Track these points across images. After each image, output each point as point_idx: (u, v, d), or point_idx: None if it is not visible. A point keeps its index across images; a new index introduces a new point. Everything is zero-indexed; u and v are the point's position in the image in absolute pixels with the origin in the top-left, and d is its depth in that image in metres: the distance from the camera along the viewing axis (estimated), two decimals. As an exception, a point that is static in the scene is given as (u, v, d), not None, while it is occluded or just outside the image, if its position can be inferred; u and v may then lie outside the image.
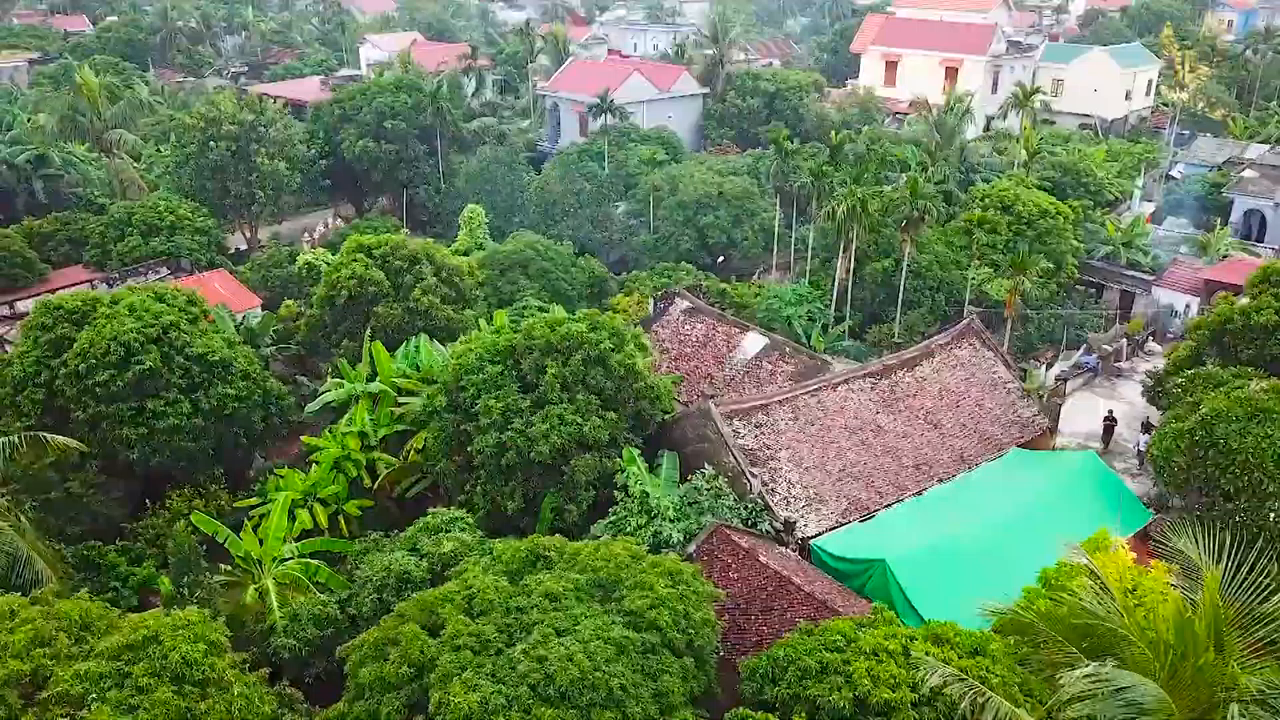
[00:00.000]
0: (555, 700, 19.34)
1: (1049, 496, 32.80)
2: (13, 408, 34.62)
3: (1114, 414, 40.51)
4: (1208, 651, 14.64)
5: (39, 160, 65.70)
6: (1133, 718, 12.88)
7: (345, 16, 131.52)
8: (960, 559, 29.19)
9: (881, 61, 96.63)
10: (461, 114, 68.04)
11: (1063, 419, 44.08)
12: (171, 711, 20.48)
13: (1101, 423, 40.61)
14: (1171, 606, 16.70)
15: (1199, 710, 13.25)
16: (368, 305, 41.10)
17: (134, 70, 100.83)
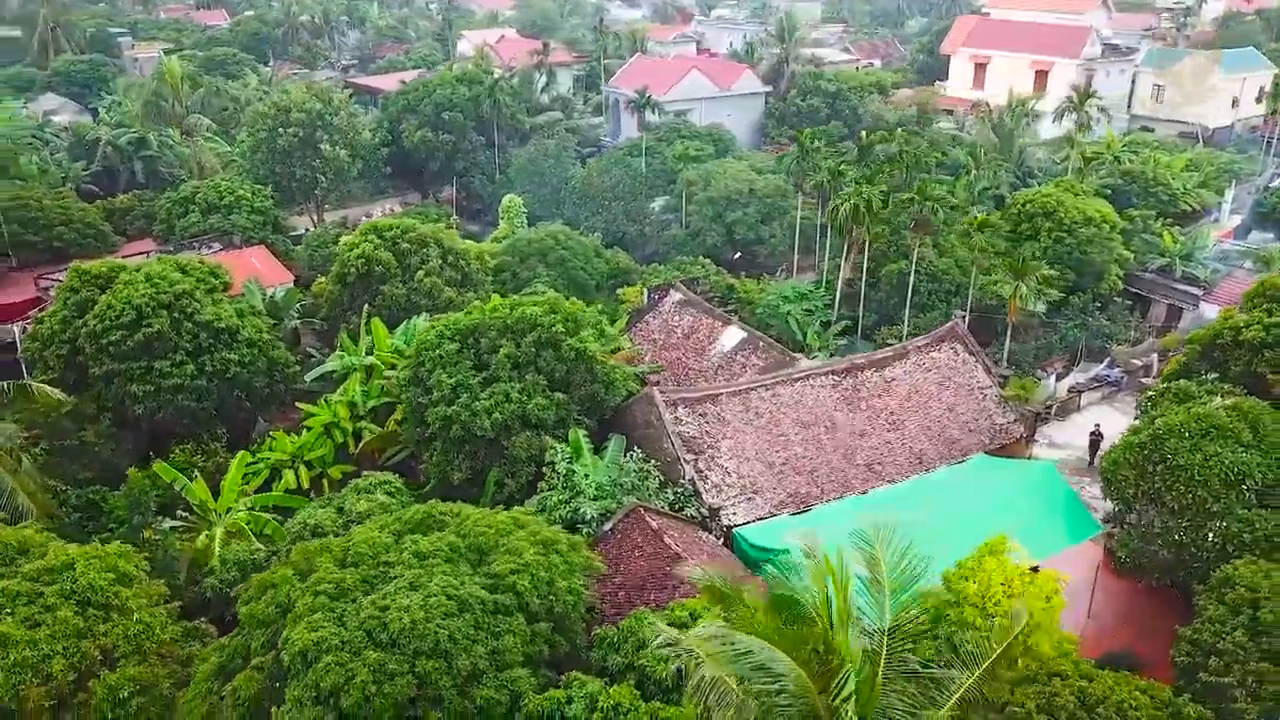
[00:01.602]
0: (385, 645, 20.78)
1: (997, 503, 32.29)
2: (41, 361, 38.34)
3: (1100, 429, 39.26)
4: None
5: (139, 142, 71.51)
6: (764, 681, 13.38)
7: (455, 13, 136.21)
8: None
9: (971, 63, 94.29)
10: (523, 108, 70.25)
11: (1070, 432, 43.06)
12: (70, 629, 22.91)
13: (1089, 437, 39.46)
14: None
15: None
16: (376, 284, 43.45)
17: (251, 62, 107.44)
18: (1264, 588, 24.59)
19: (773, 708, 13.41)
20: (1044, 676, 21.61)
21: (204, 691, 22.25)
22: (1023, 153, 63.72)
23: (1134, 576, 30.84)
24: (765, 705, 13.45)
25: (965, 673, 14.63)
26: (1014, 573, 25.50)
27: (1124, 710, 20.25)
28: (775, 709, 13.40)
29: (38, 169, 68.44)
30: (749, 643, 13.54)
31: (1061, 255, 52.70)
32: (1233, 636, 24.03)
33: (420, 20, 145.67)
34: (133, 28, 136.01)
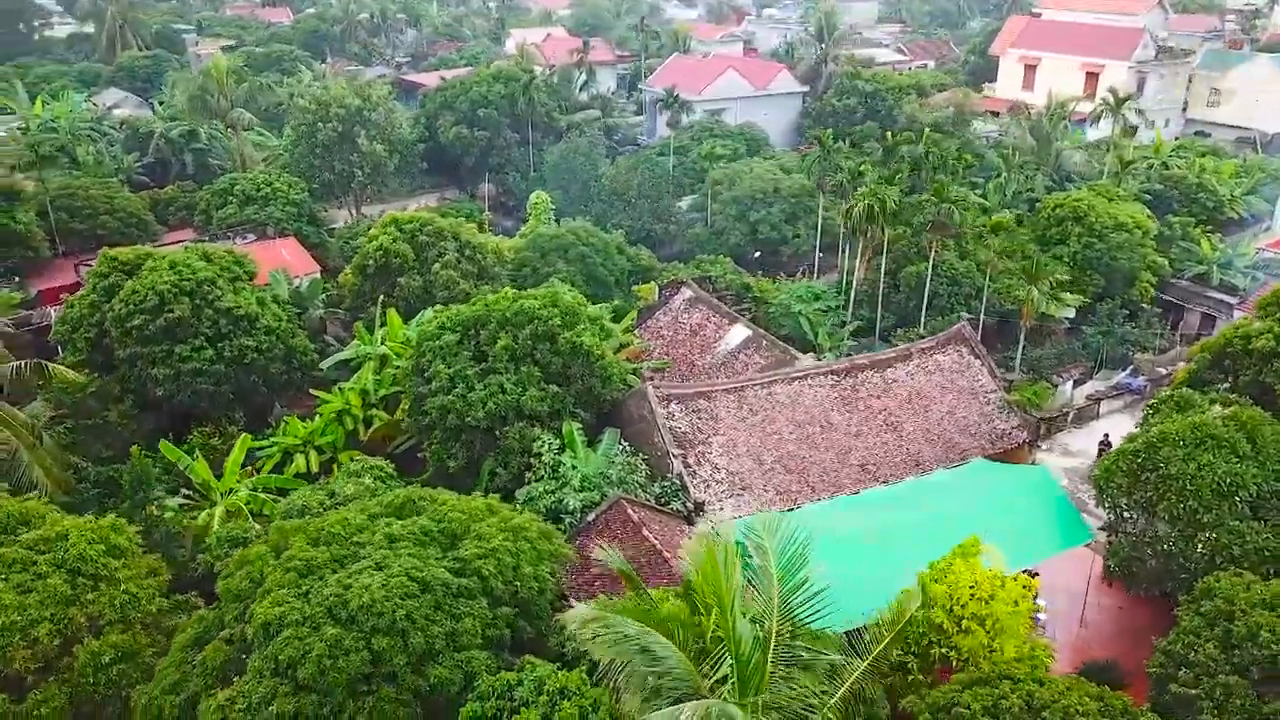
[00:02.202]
0: (344, 622, 21.47)
1: (988, 507, 31.97)
2: (70, 343, 39.96)
3: (1109, 438, 38.57)
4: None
5: (190, 135, 73.90)
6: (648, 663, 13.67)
7: (509, 12, 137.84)
8: (855, 556, 29.16)
9: (1020, 65, 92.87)
10: (559, 105, 71.00)
11: (1085, 439, 42.38)
12: (59, 597, 24.06)
13: (1097, 446, 38.82)
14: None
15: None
16: (394, 275, 44.45)
17: (306, 59, 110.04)
18: (1241, 600, 24.14)
19: (662, 689, 13.74)
20: (995, 679, 21.50)
21: (178, 660, 23.17)
22: (1059, 156, 62.59)
23: (1124, 585, 30.34)
24: (654, 686, 13.78)
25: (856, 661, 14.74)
26: (984, 576, 25.37)
27: (1070, 715, 20.09)
28: (664, 690, 13.72)
29: (94, 160, 71.14)
30: (628, 626, 13.87)
31: (1090, 260, 51.92)
32: (1205, 649, 23.67)
33: (476, 19, 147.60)
34: (200, 25, 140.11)
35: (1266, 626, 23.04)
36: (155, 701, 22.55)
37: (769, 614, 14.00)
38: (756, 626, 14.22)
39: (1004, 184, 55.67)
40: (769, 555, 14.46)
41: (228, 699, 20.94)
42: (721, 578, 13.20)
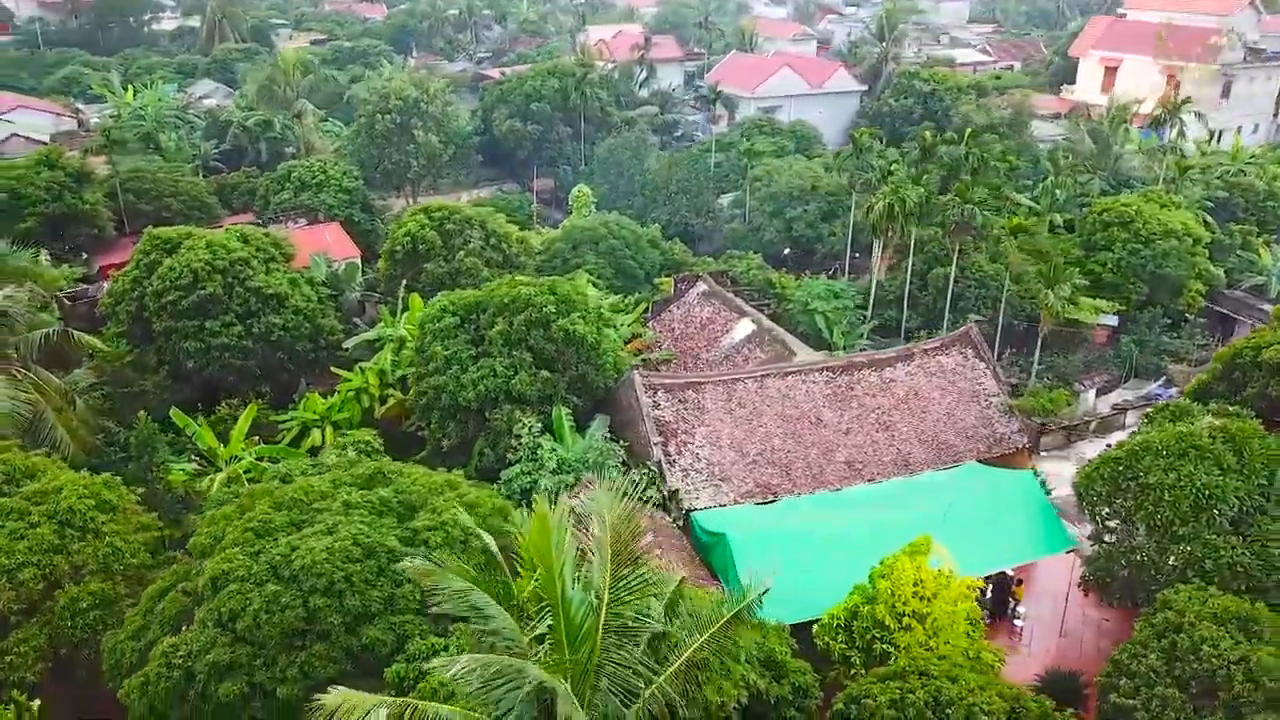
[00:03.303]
0: (285, 580, 22.69)
1: (969, 510, 31.60)
2: (114, 315, 42.53)
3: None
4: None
5: (265, 125, 77.19)
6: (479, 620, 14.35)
7: (592, 10, 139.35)
8: (820, 551, 29.27)
9: (1100, 66, 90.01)
10: (615, 101, 71.83)
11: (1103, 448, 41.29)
12: (46, 545, 26.00)
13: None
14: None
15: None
16: (421, 261, 45.96)
17: (390, 53, 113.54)
18: (1191, 613, 23.55)
19: (495, 644, 14.43)
20: (908, 674, 21.50)
21: (144, 610, 24.79)
22: (1118, 160, 60.70)
23: (1099, 595, 29.67)
24: (489, 642, 14.47)
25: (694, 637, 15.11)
26: (928, 575, 25.27)
27: (973, 713, 20.01)
28: (498, 646, 14.41)
29: (174, 146, 75.11)
30: (459, 585, 14.56)
31: (1134, 268, 50.36)
32: (1148, 660, 23.25)
33: (561, 16, 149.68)
34: (297, 20, 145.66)
35: (1210, 640, 22.52)
36: (119, 646, 24.20)
37: (603, 586, 14.49)
38: (590, 594, 14.73)
39: (1051, 187, 54.28)
40: (605, 527, 14.90)
41: (172, 646, 22.40)
42: (550, 545, 13.72)
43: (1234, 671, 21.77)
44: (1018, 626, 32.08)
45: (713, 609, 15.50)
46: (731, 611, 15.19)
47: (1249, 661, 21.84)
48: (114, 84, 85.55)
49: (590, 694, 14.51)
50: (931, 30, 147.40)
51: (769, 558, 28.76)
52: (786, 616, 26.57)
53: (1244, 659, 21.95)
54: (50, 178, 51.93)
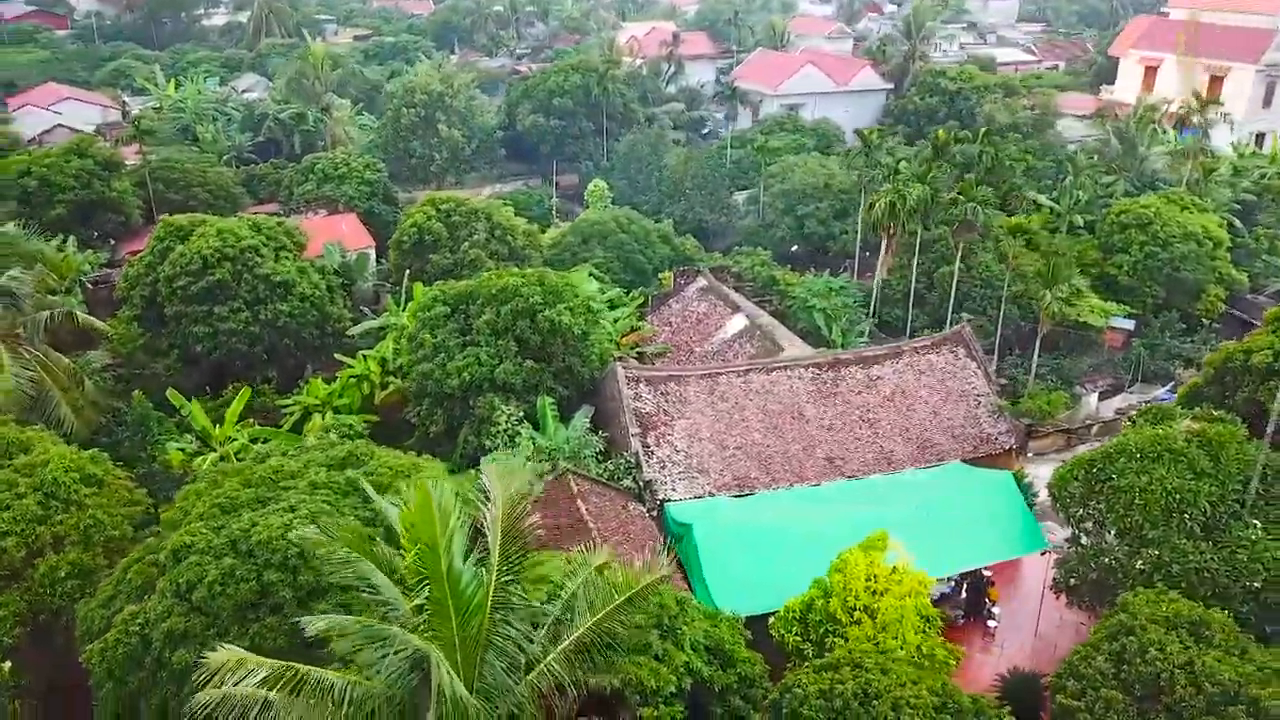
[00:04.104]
0: (242, 554, 23.40)
1: (946, 509, 31.48)
2: (128, 299, 43.90)
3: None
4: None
5: (299, 118, 78.87)
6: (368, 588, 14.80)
7: (636, 9, 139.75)
8: (790, 545, 29.32)
9: (1140, 66, 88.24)
10: (639, 97, 72.12)
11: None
12: (30, 515, 27.01)
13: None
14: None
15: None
16: (427, 252, 46.74)
17: (430, 49, 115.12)
18: (1143, 616, 23.29)
19: (386, 614, 14.89)
20: (843, 665, 21.57)
21: (116, 580, 25.66)
22: (1144, 161, 59.58)
23: (1069, 597, 29.35)
24: (380, 612, 14.95)
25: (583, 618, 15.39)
26: (881, 570, 25.28)
27: (899, 705, 20.05)
28: (389, 615, 14.87)
29: (211, 138, 77.08)
30: (347, 555, 15.05)
31: (1151, 270, 49.59)
32: (1096, 662, 23.01)
33: (604, 13, 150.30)
34: (346, 16, 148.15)
35: (1156, 644, 22.27)
36: (90, 614, 25.11)
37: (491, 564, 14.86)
38: (480, 570, 15.10)
39: (1071, 187, 53.51)
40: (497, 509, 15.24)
41: (131, 614, 23.22)
42: (435, 522, 14.11)
43: (1178, 675, 21.52)
44: (991, 627, 31.83)
45: (606, 592, 15.75)
46: (623, 597, 15.42)
47: (1194, 666, 21.58)
48: (157, 77, 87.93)
49: (480, 666, 14.89)
50: (979, 29, 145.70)
51: (735, 550, 29.21)
52: (746, 607, 26.85)
53: (1190, 663, 21.69)
54: (80, 166, 53.62)
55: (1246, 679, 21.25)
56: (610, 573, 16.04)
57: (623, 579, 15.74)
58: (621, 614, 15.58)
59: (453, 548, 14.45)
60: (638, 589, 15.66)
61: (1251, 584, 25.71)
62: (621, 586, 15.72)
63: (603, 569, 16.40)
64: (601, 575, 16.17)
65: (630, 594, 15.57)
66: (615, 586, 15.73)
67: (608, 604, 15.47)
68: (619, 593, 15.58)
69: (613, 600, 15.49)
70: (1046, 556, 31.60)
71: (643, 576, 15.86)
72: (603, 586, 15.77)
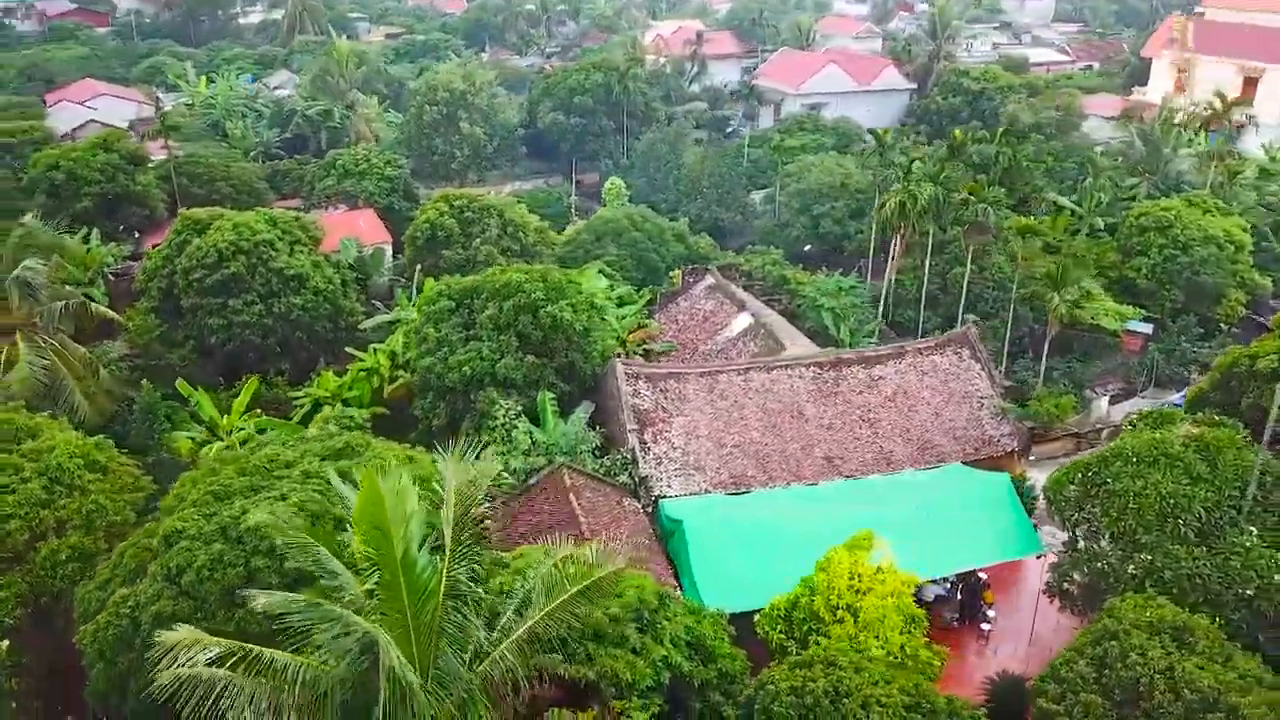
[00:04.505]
0: (231, 540, 23.85)
1: (942, 510, 31.33)
2: (146, 291, 44.77)
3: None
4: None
5: (325, 114, 79.85)
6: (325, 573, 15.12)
7: (670, 8, 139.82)
8: (782, 543, 29.31)
9: (1173, 67, 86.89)
10: (660, 96, 72.22)
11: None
12: (33, 499, 27.74)
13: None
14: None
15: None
16: (440, 248, 47.22)
17: (459, 47, 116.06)
18: (1127, 621, 23.08)
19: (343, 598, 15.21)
20: (816, 663, 21.59)
21: (113, 563, 26.26)
22: (1168, 163, 58.73)
23: (1061, 601, 29.10)
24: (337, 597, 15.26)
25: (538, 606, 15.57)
26: (866, 570, 25.23)
27: (869, 703, 20.05)
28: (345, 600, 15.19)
29: (240, 134, 78.30)
30: (303, 541, 15.38)
31: (1171, 274, 48.94)
32: (1078, 666, 22.83)
33: (635, 11, 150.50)
34: (380, 14, 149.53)
35: (1138, 649, 22.06)
36: (87, 596, 25.72)
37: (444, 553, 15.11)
38: (436, 558, 15.33)
39: (1092, 189, 52.93)
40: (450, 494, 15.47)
41: (123, 596, 23.76)
42: (386, 509, 14.35)
43: (1157, 681, 21.32)
44: (985, 630, 31.64)
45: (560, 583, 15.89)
46: (575, 588, 15.58)
47: (1174, 672, 21.36)
48: (189, 74, 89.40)
49: (434, 653, 15.12)
50: (1014, 29, 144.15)
51: (725, 547, 29.28)
52: (733, 604, 26.93)
53: (1170, 669, 21.47)
54: (105, 160, 54.71)
55: (1227, 686, 21.01)
56: (566, 565, 16.16)
57: (575, 570, 15.85)
58: (575, 605, 15.72)
59: (407, 533, 14.69)
60: (590, 581, 15.77)
61: (1244, 591, 25.34)
62: (575, 578, 15.84)
63: (565, 561, 16.54)
64: (558, 567, 16.29)
65: (582, 586, 15.69)
66: (569, 578, 15.86)
67: (560, 595, 15.61)
68: (572, 584, 15.71)
69: (565, 592, 15.63)
70: (1044, 560, 31.28)
71: (596, 569, 15.95)
72: (557, 578, 15.91)
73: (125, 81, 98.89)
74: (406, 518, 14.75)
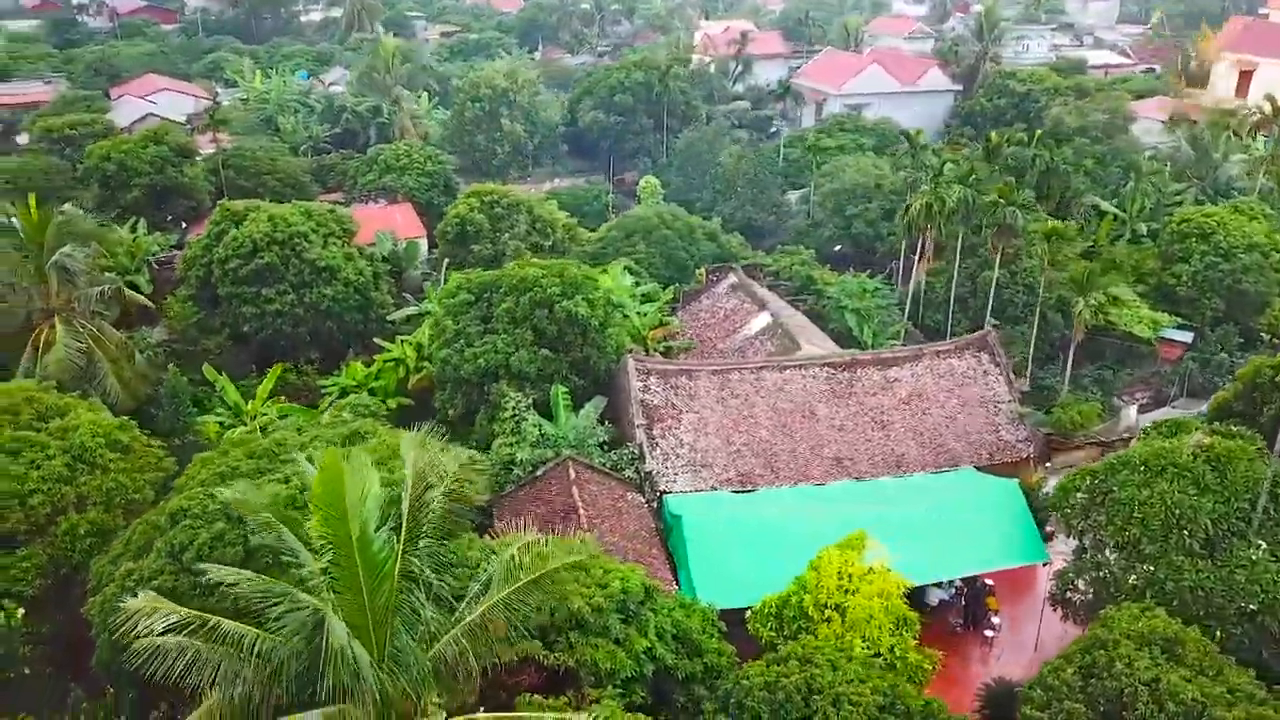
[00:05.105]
0: (233, 520, 24.53)
1: (948, 514, 31.07)
2: (186, 279, 46.18)
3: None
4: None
5: (375, 110, 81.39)
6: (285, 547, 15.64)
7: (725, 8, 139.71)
8: (782, 541, 29.27)
9: (1235, 69, 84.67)
10: (701, 95, 72.26)
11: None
12: (56, 475, 28.80)
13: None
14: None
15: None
16: (470, 242, 47.92)
17: (512, 45, 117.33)
18: (1119, 629, 22.73)
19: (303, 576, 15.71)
20: (791, 659, 21.63)
21: (126, 539, 27.21)
22: (1217, 169, 57.27)
23: (1062, 610, 28.64)
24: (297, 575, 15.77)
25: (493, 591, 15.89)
26: (856, 569, 25.15)
27: (839, 700, 20.05)
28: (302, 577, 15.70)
29: (291, 128, 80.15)
30: (265, 518, 15.94)
31: (1211, 282, 47.77)
32: (1065, 674, 22.53)
33: (690, 11, 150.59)
34: (439, 13, 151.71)
35: (1123, 659, 21.71)
36: (101, 570, 26.69)
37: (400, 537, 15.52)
38: (393, 538, 15.73)
39: (1136, 194, 51.85)
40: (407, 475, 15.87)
41: (128, 571, 24.63)
42: (344, 490, 14.77)
43: (1141, 692, 20.96)
44: (989, 636, 31.28)
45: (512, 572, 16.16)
46: (529, 577, 15.86)
47: (1159, 683, 20.98)
48: (245, 70, 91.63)
49: (389, 633, 15.54)
50: (1076, 30, 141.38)
51: (724, 544, 29.38)
52: (728, 601, 27.05)
53: (1156, 680, 21.10)
54: (155, 153, 56.41)
55: (1213, 700, 20.59)
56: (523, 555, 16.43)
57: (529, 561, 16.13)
58: (527, 595, 15.97)
59: (364, 513, 15.11)
60: (542, 572, 16.00)
61: (1247, 606, 24.75)
62: (528, 568, 16.11)
63: (523, 551, 16.82)
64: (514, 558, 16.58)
65: (534, 576, 15.94)
66: (522, 568, 16.13)
67: (512, 584, 15.91)
68: (525, 574, 15.98)
69: (517, 581, 15.92)
70: (1051, 568, 30.83)
71: (550, 560, 16.18)
72: (512, 567, 16.22)
73: (186, 77, 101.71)
74: (364, 498, 15.16)
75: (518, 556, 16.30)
